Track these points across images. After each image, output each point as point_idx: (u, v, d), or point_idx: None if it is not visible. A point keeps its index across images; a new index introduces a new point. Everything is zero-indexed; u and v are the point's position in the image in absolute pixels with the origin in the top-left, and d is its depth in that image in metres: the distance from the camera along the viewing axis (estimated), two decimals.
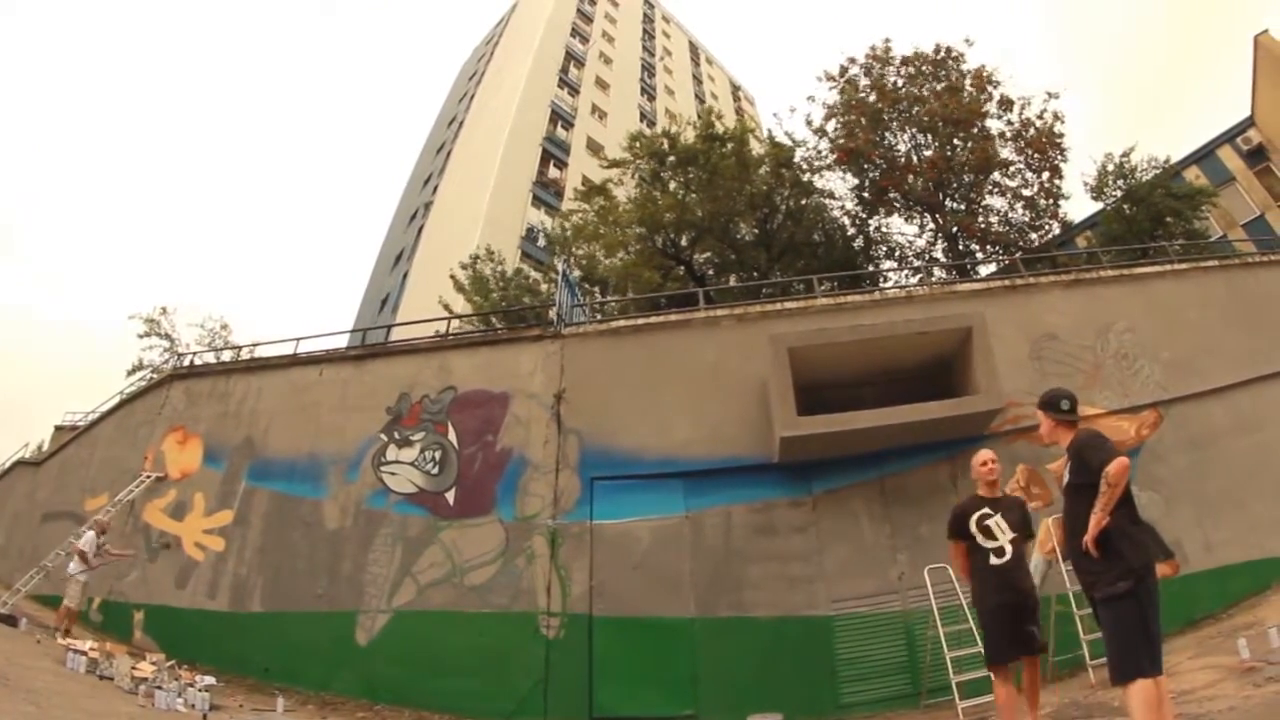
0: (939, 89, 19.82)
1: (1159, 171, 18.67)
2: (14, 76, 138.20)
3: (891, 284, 18.69)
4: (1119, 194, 18.68)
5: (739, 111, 49.36)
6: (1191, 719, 4.88)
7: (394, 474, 10.73)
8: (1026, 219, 19.21)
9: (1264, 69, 22.47)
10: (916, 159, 19.35)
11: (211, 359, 16.34)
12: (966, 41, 20.76)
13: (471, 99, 39.86)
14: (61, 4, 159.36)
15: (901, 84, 20.32)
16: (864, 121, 19.55)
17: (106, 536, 10.89)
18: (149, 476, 11.99)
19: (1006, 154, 19.04)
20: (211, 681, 8.81)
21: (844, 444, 9.29)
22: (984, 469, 5.30)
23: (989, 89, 19.52)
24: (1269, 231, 21.13)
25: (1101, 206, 19.66)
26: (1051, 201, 18.98)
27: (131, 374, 20.40)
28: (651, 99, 43.83)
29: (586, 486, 10.00)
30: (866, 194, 19.69)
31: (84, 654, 8.54)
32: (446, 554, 9.98)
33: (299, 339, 13.02)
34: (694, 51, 56.39)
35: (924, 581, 8.17)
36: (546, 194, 30.96)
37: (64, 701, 6.55)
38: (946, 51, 20.46)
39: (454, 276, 20.03)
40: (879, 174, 19.30)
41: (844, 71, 20.93)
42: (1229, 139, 23.94)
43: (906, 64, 20.55)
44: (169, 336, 21.20)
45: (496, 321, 16.59)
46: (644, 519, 9.73)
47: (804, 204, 19.53)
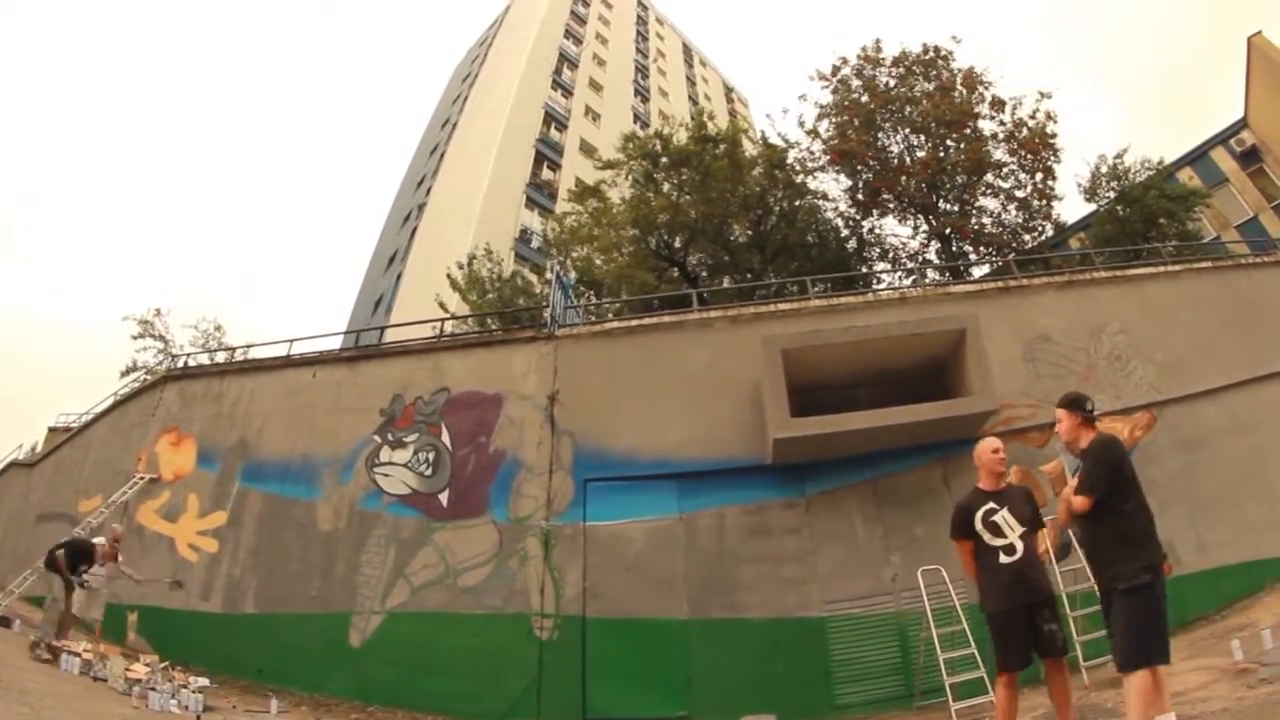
0: (930, 89, 19.79)
1: (1152, 173, 18.69)
2: (10, 75, 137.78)
3: (885, 285, 18.77)
4: (1112, 195, 18.71)
5: (732, 113, 49.27)
6: None
7: (387, 475, 10.72)
8: (1020, 220, 19.14)
9: (1257, 70, 22.47)
10: (909, 160, 19.29)
11: (205, 360, 16.31)
12: (954, 39, 20.72)
13: (465, 100, 39.75)
14: (59, 3, 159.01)
15: (893, 84, 20.28)
16: (856, 122, 19.47)
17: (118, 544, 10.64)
18: (142, 478, 11.98)
19: (999, 155, 18.97)
20: (205, 683, 8.84)
21: (837, 445, 9.31)
22: (995, 456, 4.93)
23: (980, 89, 19.49)
24: (1262, 233, 21.11)
25: (1095, 208, 19.70)
26: (1044, 202, 18.90)
27: (125, 375, 20.45)
28: (645, 100, 43.80)
29: (580, 488, 10.00)
30: (860, 195, 19.64)
31: (78, 655, 8.55)
32: (440, 555, 9.98)
33: (293, 340, 13.02)
34: (687, 53, 56.39)
35: (917, 583, 8.22)
36: (540, 196, 30.93)
37: (58, 703, 6.56)
38: (935, 51, 20.42)
39: (450, 276, 20.02)
40: (872, 175, 19.25)
41: (836, 71, 20.87)
42: (1222, 140, 23.96)
43: (897, 64, 20.50)
44: (163, 338, 21.22)
45: (490, 323, 16.57)
46: (637, 520, 9.73)
47: (797, 205, 19.48)
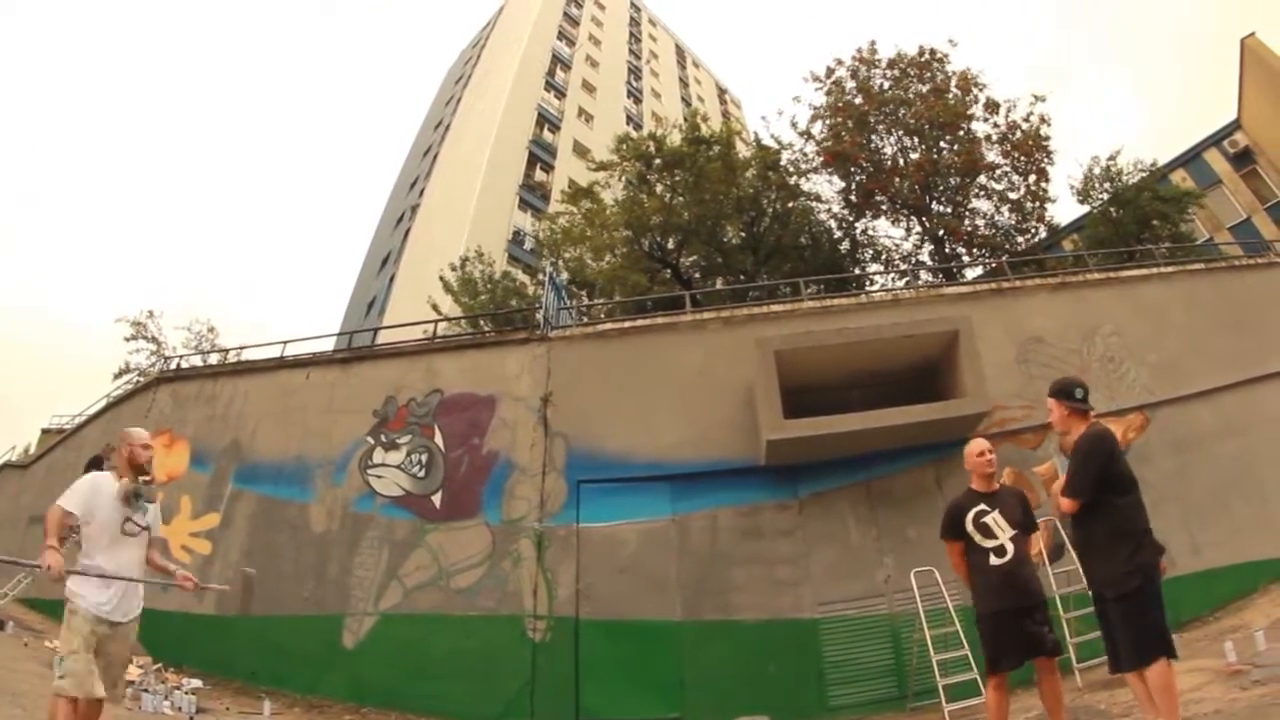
0: (924, 91, 19.85)
1: (1145, 174, 18.77)
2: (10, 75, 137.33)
3: (878, 287, 18.81)
4: (1105, 197, 18.78)
5: (725, 114, 49.35)
6: None
7: (380, 477, 10.70)
8: (1013, 222, 19.24)
9: (1251, 72, 22.56)
10: (903, 162, 19.34)
11: (198, 362, 16.27)
12: (950, 43, 20.81)
13: (458, 102, 39.79)
14: (59, 3, 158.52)
15: (887, 86, 20.32)
16: (850, 124, 19.53)
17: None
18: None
19: (993, 157, 19.06)
20: (198, 684, 8.83)
21: (830, 447, 9.31)
22: (981, 459, 4.89)
23: (974, 91, 19.56)
24: (1255, 234, 21.19)
25: (1088, 209, 19.76)
26: (1038, 204, 19.00)
27: (118, 377, 20.41)
28: (638, 102, 43.84)
29: (573, 489, 9.98)
30: (853, 197, 19.68)
31: None
32: (433, 557, 9.95)
33: (286, 342, 13.00)
34: (680, 55, 56.49)
35: (910, 584, 8.21)
36: (533, 197, 30.96)
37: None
38: (930, 53, 20.49)
39: (443, 278, 20.00)
40: (865, 177, 19.30)
41: (830, 73, 20.95)
42: (1215, 142, 24.05)
43: (892, 66, 20.56)
44: (156, 340, 21.18)
45: (483, 324, 16.56)
46: (630, 522, 9.72)
47: (790, 207, 19.51)
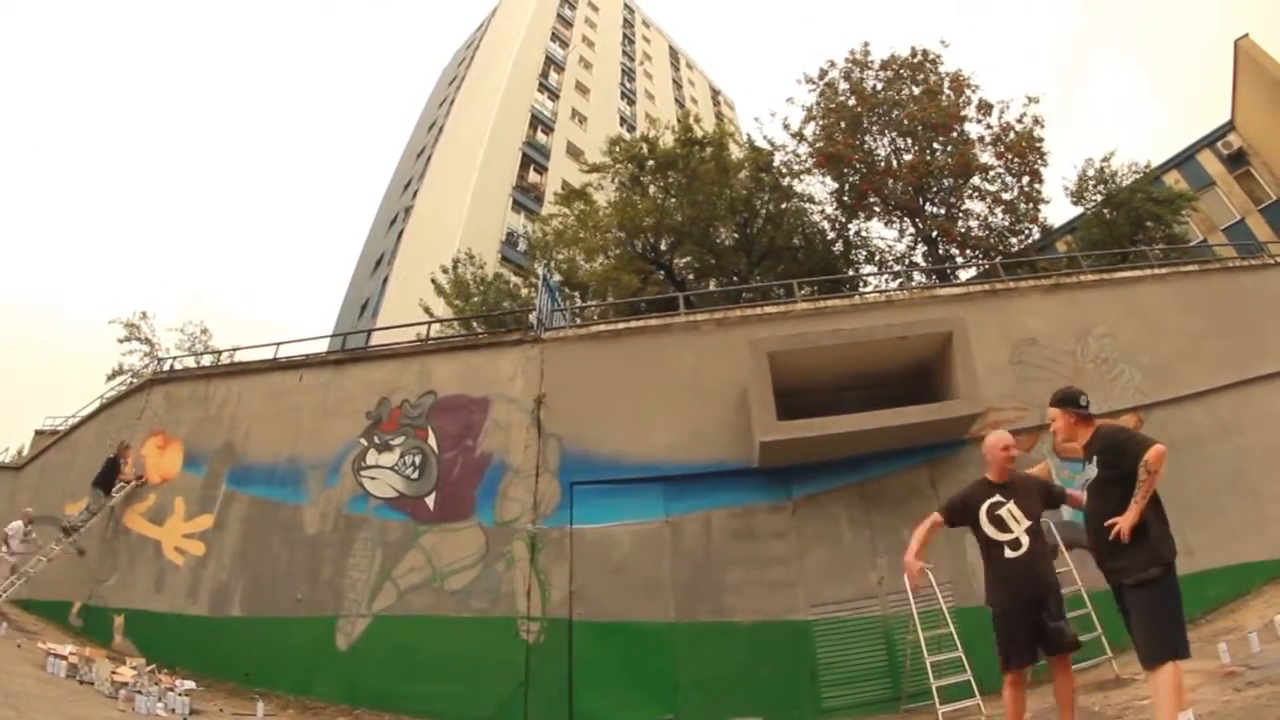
0: (917, 93, 19.86)
1: (1139, 176, 18.83)
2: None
3: (871, 288, 18.85)
4: (1099, 198, 18.84)
5: (718, 116, 49.50)
6: None
7: (374, 479, 10.68)
8: (1006, 223, 19.20)
9: (1244, 73, 22.65)
10: (896, 163, 19.34)
11: (191, 363, 16.24)
12: (943, 44, 20.84)
13: (451, 104, 39.76)
14: (58, 2, 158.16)
15: (880, 87, 20.33)
16: (843, 125, 19.52)
17: (32, 526, 11.49)
18: (129, 481, 11.93)
19: (986, 158, 19.05)
20: (191, 686, 8.79)
21: (824, 448, 9.32)
22: (1004, 454, 4.74)
23: (967, 92, 19.57)
24: (1249, 236, 21.28)
25: (1081, 211, 19.83)
26: (1031, 206, 18.98)
27: (111, 378, 20.37)
28: (631, 103, 43.87)
29: (566, 491, 9.98)
30: (846, 198, 19.66)
31: (64, 658, 8.50)
32: (426, 558, 9.95)
33: (279, 344, 12.96)
34: (674, 56, 56.48)
35: (904, 586, 8.17)
36: (526, 199, 30.94)
37: (44, 706, 6.57)
38: (923, 54, 20.50)
39: (435, 280, 20.00)
40: (858, 178, 19.27)
41: (823, 74, 20.94)
42: (1209, 143, 24.14)
43: (885, 67, 20.57)
44: (149, 341, 21.16)
45: (477, 326, 16.55)
46: (624, 524, 9.71)
47: (784, 208, 19.51)
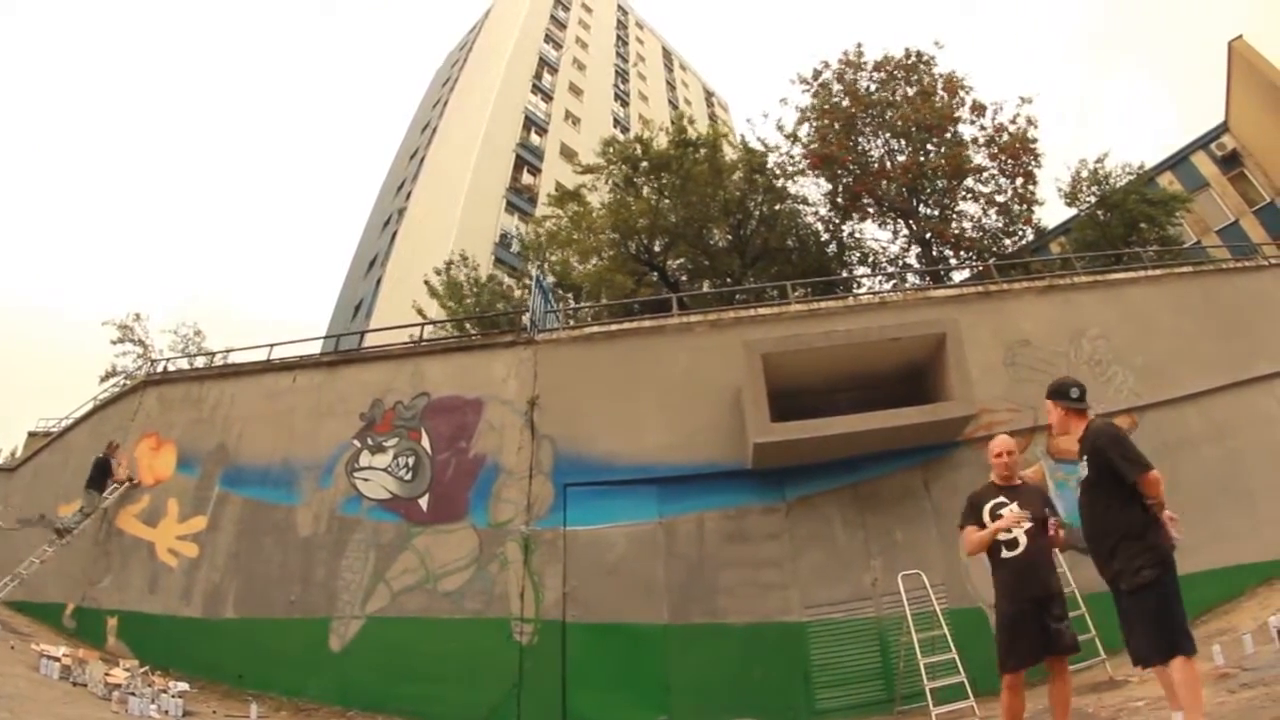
0: (911, 94, 19.89)
1: (1133, 177, 18.84)
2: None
3: (865, 290, 18.86)
4: (1093, 200, 18.85)
5: (712, 117, 49.59)
6: None
7: (367, 480, 10.67)
8: (1000, 225, 19.27)
9: (1238, 75, 22.64)
10: (890, 164, 19.38)
11: (185, 365, 16.21)
12: (937, 45, 20.84)
13: (445, 105, 39.69)
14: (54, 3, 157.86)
15: (874, 89, 20.35)
16: (837, 126, 19.54)
17: None
18: (123, 482, 11.90)
19: (979, 160, 19.08)
20: (185, 688, 8.78)
21: (818, 450, 9.33)
22: (997, 460, 4.81)
23: (961, 94, 19.60)
24: (1243, 237, 21.25)
25: (1075, 212, 19.84)
26: (1025, 207, 19.03)
27: (105, 380, 20.27)
28: (625, 105, 43.94)
29: (560, 492, 9.98)
30: (840, 199, 19.70)
31: (57, 660, 8.48)
32: (420, 560, 9.94)
33: (272, 345, 12.93)
34: (667, 57, 56.60)
35: (898, 587, 8.24)
36: (520, 200, 30.98)
37: (38, 708, 6.56)
38: (917, 56, 20.54)
39: (428, 282, 19.98)
40: (852, 179, 19.31)
41: (817, 75, 20.97)
42: (1203, 144, 24.13)
43: (879, 68, 20.60)
44: (142, 342, 21.08)
45: (470, 327, 16.53)
46: (617, 525, 9.72)
47: (777, 209, 19.51)
